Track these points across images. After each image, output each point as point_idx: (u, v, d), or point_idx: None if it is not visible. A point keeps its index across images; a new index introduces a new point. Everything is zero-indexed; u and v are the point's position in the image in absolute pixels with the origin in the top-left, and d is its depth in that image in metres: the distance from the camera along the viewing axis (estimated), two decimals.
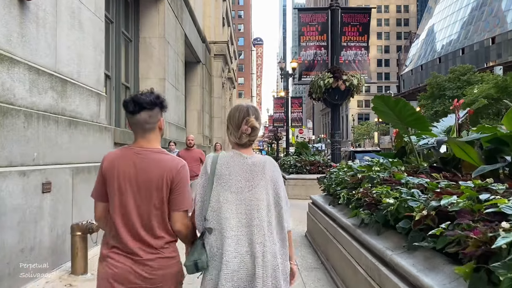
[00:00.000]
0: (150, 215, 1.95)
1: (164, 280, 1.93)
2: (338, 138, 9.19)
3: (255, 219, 1.91)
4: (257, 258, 1.84)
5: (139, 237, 1.93)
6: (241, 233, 1.89)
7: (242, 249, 1.87)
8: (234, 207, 1.93)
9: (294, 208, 10.26)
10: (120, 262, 1.92)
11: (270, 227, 1.95)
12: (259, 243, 1.87)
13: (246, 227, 1.90)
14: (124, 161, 1.99)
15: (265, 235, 1.90)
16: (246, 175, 1.97)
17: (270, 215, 1.97)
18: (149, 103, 1.96)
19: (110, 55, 9.12)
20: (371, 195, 3.38)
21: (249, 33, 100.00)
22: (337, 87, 8.45)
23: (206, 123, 19.90)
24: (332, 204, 4.94)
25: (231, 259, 1.85)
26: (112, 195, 1.97)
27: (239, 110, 2.06)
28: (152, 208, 1.95)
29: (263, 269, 1.84)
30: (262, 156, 2.10)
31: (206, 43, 19.96)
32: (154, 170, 1.96)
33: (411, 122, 4.03)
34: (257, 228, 1.90)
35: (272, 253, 1.89)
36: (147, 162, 1.97)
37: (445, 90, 36.31)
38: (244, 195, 1.94)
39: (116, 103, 9.22)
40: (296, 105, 29.26)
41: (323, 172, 11.98)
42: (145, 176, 1.95)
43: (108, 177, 1.98)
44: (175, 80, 12.39)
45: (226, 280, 1.82)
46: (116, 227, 1.94)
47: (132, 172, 1.96)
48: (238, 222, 1.90)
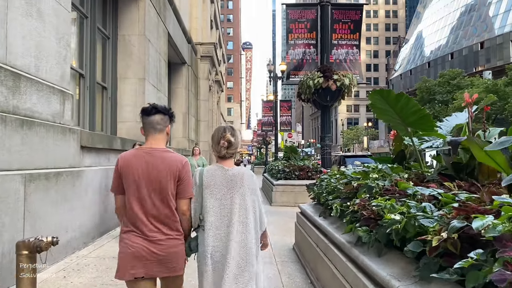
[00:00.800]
0: (160, 202, 2.39)
1: (173, 257, 2.38)
2: (328, 141, 8.64)
3: (234, 220, 2.43)
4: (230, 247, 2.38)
5: (150, 221, 2.36)
6: (222, 231, 2.43)
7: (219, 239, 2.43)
8: (218, 210, 2.47)
9: (281, 216, 9.65)
10: (136, 243, 2.33)
11: (247, 226, 2.46)
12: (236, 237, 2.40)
13: (227, 227, 2.43)
14: (137, 159, 2.40)
15: (242, 233, 2.43)
16: (228, 184, 2.48)
17: (247, 217, 2.47)
18: (163, 109, 2.48)
19: (85, 52, 8.47)
20: (370, 208, 2.80)
21: (238, 37, 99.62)
22: (327, 87, 7.91)
23: (192, 126, 19.23)
24: (323, 216, 4.34)
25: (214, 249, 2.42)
26: (128, 186, 2.39)
27: (218, 130, 2.59)
28: (162, 197, 2.39)
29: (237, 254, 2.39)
30: (240, 168, 2.58)
31: (192, 44, 19.34)
32: (161, 166, 2.38)
33: (415, 122, 3.46)
34: (234, 227, 2.42)
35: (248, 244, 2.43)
36: (156, 159, 2.40)
37: (435, 94, 36.16)
38: (226, 201, 2.46)
39: (90, 103, 8.55)
40: (285, 109, 28.71)
41: (312, 178, 11.42)
42: (155, 170, 2.38)
43: (124, 172, 2.39)
44: (157, 80, 11.74)
45: (208, 254, 2.42)
46: (134, 212, 2.37)
47: (144, 168, 2.38)
48: (221, 223, 2.44)
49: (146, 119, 2.46)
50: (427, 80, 38.16)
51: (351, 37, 8.68)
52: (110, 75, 10.00)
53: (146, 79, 10.48)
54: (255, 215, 2.55)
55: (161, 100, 12.30)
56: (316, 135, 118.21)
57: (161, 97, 12.34)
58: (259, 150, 49.37)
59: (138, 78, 10.33)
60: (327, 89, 7.94)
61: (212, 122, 26.28)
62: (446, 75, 36.70)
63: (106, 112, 9.83)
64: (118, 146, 8.03)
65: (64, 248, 5.39)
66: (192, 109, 19.29)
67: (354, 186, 3.49)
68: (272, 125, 27.57)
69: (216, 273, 2.41)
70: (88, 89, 8.54)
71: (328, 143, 8.61)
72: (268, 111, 29.58)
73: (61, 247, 5.04)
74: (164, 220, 2.39)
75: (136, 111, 10.26)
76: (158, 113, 2.46)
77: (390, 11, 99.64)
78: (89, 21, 8.56)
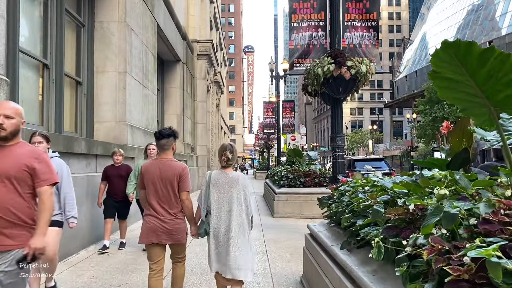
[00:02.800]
0: (168, 195, 3.58)
1: (177, 231, 3.58)
2: (340, 142, 7.21)
3: (233, 207, 3.50)
4: (231, 227, 3.44)
5: (163, 207, 3.56)
6: (224, 214, 3.50)
7: (222, 223, 3.48)
8: (221, 201, 3.53)
9: (285, 232, 8.13)
10: (153, 221, 3.54)
11: (241, 212, 3.54)
12: (235, 220, 3.47)
13: (228, 212, 3.50)
14: (153, 166, 3.64)
15: (238, 216, 3.50)
16: (228, 183, 3.56)
17: (240, 205, 3.54)
18: (167, 135, 3.67)
19: (49, 38, 7.10)
20: (461, 260, 1.38)
21: (240, 40, 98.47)
22: (340, 76, 6.49)
23: (188, 129, 17.83)
24: (347, 248, 2.91)
25: (216, 228, 3.48)
26: (147, 184, 3.61)
27: (221, 148, 3.67)
28: (169, 191, 3.58)
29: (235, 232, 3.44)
30: (237, 172, 3.68)
31: (187, 41, 17.99)
32: (169, 170, 3.60)
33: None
34: (234, 212, 3.49)
35: (241, 224, 3.49)
36: (165, 166, 3.62)
37: None
38: (227, 194, 3.54)
39: (57, 99, 7.17)
40: (287, 110, 27.19)
41: (320, 184, 9.99)
42: (164, 173, 3.59)
43: (145, 175, 3.62)
44: (143, 75, 10.36)
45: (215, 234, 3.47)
46: (151, 202, 3.58)
47: (157, 172, 3.60)
48: (223, 209, 3.52)
49: (157, 142, 3.73)
50: None
51: (367, 18, 7.26)
52: (86, 68, 8.63)
53: (128, 72, 9.09)
54: (247, 204, 3.59)
55: (148, 99, 10.91)
56: (320, 139, 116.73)
57: (149, 95, 10.94)
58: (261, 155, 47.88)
59: (118, 71, 8.95)
60: (339, 78, 6.52)
61: (211, 125, 24.87)
62: None
63: (81, 111, 8.45)
64: (82, 149, 6.62)
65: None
66: (188, 111, 17.90)
67: (410, 209, 2.06)
68: (274, 127, 26.08)
69: (217, 243, 3.48)
70: (54, 82, 7.16)
71: (340, 144, 7.18)
72: (270, 113, 27.96)
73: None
74: (171, 206, 3.59)
75: (116, 109, 8.87)
76: (163, 138, 3.66)
77: (393, 12, 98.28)
78: (54, 4, 7.20)
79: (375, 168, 12.99)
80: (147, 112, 10.72)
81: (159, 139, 3.66)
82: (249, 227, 3.61)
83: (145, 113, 10.54)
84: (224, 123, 50.80)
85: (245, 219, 3.54)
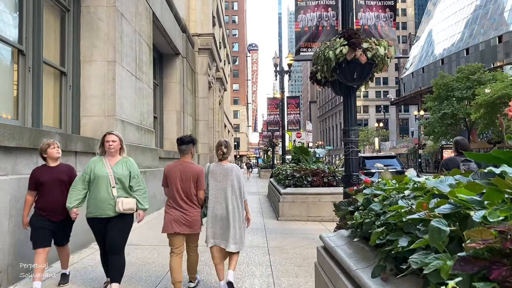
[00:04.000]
0: (187, 191, 4.20)
1: (195, 222, 4.20)
2: (354, 136, 6.36)
3: (228, 193, 4.17)
4: (228, 210, 4.11)
5: (183, 201, 4.18)
6: (221, 200, 4.18)
7: (219, 206, 4.17)
8: (219, 188, 4.21)
9: (292, 238, 6.97)
10: (175, 213, 4.17)
11: (235, 197, 4.20)
12: (230, 204, 4.15)
13: (224, 198, 4.17)
14: (175, 167, 4.27)
15: (233, 200, 4.17)
16: (223, 173, 4.22)
17: (234, 192, 4.20)
18: (187, 141, 4.30)
19: (26, 23, 6.31)
20: None
21: (244, 38, 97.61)
22: (354, 60, 5.64)
23: (189, 126, 17.03)
24: (382, 277, 2.07)
25: (213, 210, 4.18)
26: (170, 182, 4.24)
27: (218, 143, 4.37)
28: (188, 188, 4.20)
29: (232, 213, 4.13)
30: (231, 164, 4.33)
31: (187, 34, 17.18)
32: (188, 171, 4.21)
33: None
34: (229, 198, 4.15)
35: (237, 208, 4.18)
36: (185, 168, 4.25)
37: (453, 90, 33.55)
38: (222, 183, 4.20)
39: (34, 89, 6.37)
40: (292, 106, 26.24)
41: (329, 184, 9.14)
42: (184, 174, 4.21)
43: (168, 174, 4.25)
44: (136, 66, 9.55)
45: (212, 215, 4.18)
46: (174, 196, 4.20)
47: (178, 172, 4.22)
48: (220, 195, 4.19)
49: (178, 147, 4.37)
50: (444, 75, 35.50)
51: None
52: (71, 57, 7.84)
53: (118, 62, 8.29)
54: (240, 190, 4.28)
55: (143, 92, 10.11)
56: (325, 137, 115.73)
57: (143, 88, 10.13)
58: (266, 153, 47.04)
59: (106, 60, 8.14)
60: (353, 63, 5.67)
61: (213, 123, 24.04)
62: (464, 70, 34.08)
63: (66, 104, 7.66)
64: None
65: None
66: (188, 107, 17.09)
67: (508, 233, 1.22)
68: (278, 124, 25.15)
69: (214, 223, 4.20)
70: (31, 70, 6.36)
71: (354, 139, 6.32)
72: (274, 109, 26.96)
73: None
74: (190, 200, 4.22)
75: (104, 103, 8.07)
76: (184, 144, 4.32)
77: (399, 9, 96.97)
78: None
79: (387, 166, 12.11)
80: (141, 107, 9.91)
81: (181, 145, 4.32)
82: (243, 209, 4.29)
83: (139, 107, 9.73)
84: (228, 122, 49.99)
85: (240, 203, 4.24)
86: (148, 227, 8.06)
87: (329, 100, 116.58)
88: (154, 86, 14.56)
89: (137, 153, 8.99)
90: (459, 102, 33.95)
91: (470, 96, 32.60)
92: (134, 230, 4.98)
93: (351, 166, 6.31)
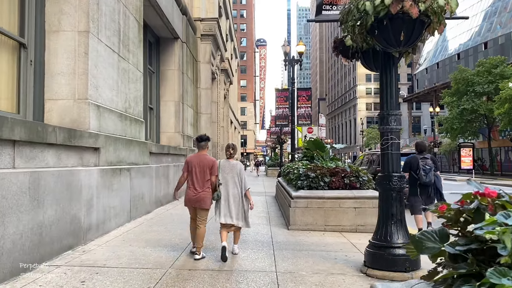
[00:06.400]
0: (203, 177, 5.34)
1: (206, 199, 5.31)
2: (395, 124, 4.71)
3: (232, 182, 5.43)
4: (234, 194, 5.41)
5: (199, 184, 5.32)
6: (228, 187, 5.41)
7: (227, 191, 5.41)
8: (227, 179, 5.46)
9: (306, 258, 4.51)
10: (192, 192, 5.33)
11: (238, 186, 5.43)
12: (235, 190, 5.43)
13: (232, 186, 5.41)
14: (195, 158, 5.46)
15: (236, 187, 5.44)
16: (230, 168, 5.49)
17: (238, 182, 5.44)
18: (205, 139, 5.58)
19: None
20: None
21: (252, 33, 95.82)
22: (400, 15, 4.00)
23: (189, 119, 15.43)
24: None
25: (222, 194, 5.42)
26: (190, 170, 5.40)
27: (226, 146, 5.73)
28: (204, 174, 5.35)
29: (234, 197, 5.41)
30: (236, 161, 5.62)
31: (188, 18, 15.56)
32: (205, 162, 5.38)
33: None
34: (233, 186, 5.42)
35: (238, 193, 5.43)
36: (202, 159, 5.41)
37: (473, 85, 31.54)
38: (229, 174, 5.45)
39: None
40: (303, 99, 24.43)
41: (352, 186, 7.51)
42: (202, 163, 5.38)
43: (189, 164, 5.43)
44: (120, 43, 7.96)
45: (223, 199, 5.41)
46: (192, 180, 5.36)
47: (197, 162, 5.38)
48: (227, 184, 5.41)
49: (198, 143, 5.59)
50: (464, 69, 33.48)
51: None
52: (33, 25, 6.27)
53: (93, 33, 6.70)
54: (241, 181, 5.48)
55: (129, 74, 8.52)
56: (334, 135, 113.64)
57: (129, 70, 8.53)
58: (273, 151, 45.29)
59: (77, 30, 6.57)
60: (398, 19, 4.03)
61: (217, 117, 22.44)
62: (486, 63, 32.06)
63: (26, 84, 6.09)
64: None
65: None
66: (189, 98, 15.49)
67: None
68: (288, 119, 23.39)
69: (225, 204, 5.39)
70: None
71: (395, 127, 4.67)
72: (283, 102, 24.91)
73: None
74: (204, 184, 5.35)
75: (74, 83, 6.50)
76: (203, 141, 5.57)
77: None
78: None
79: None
80: (126, 92, 8.32)
81: (200, 142, 5.59)
82: (244, 195, 5.50)
83: (123, 92, 8.14)
84: (235, 118, 48.33)
85: (241, 191, 5.49)
86: (129, 238, 6.48)
87: (338, 97, 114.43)
88: (150, 74, 12.99)
89: (117, 146, 7.41)
90: (479, 98, 31.96)
91: (491, 91, 30.60)
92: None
93: (391, 164, 4.66)
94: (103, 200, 6.68)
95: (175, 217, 8.79)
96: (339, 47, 5.20)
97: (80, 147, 5.96)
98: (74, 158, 5.84)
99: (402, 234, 4.60)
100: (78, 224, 5.75)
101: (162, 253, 5.48)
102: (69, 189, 5.46)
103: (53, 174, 5.06)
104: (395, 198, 4.65)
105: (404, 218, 4.70)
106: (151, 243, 6.09)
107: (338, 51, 5.27)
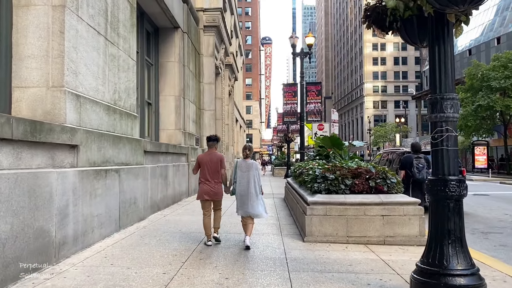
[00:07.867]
0: (214, 171, 6.20)
1: (219, 192, 6.24)
2: (451, 111, 3.58)
3: (250, 182, 6.02)
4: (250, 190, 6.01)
5: (211, 178, 6.19)
6: (244, 184, 6.04)
7: (242, 188, 6.05)
8: (243, 176, 6.08)
9: (329, 283, 3.54)
10: (205, 186, 6.17)
11: (254, 183, 6.04)
12: (251, 188, 6.01)
13: (246, 183, 6.02)
14: (206, 156, 6.35)
15: (253, 187, 6.02)
16: (247, 167, 6.11)
17: (255, 181, 6.06)
18: (215, 140, 6.46)
19: None
20: None
21: (257, 31, 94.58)
22: None
23: (190, 115, 14.31)
24: None
25: (239, 191, 6.09)
26: (202, 166, 6.27)
27: (244, 147, 6.37)
28: (215, 168, 6.22)
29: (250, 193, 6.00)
30: (252, 160, 6.25)
31: (190, 6, 14.45)
32: (215, 158, 6.27)
33: None
34: (251, 185, 6.01)
35: (254, 189, 6.02)
36: (213, 156, 6.29)
37: (489, 80, 30.17)
38: (246, 173, 6.06)
39: None
40: (313, 94, 23.18)
41: (378, 190, 6.38)
42: (212, 160, 6.25)
43: (200, 161, 6.31)
44: (107, 25, 6.87)
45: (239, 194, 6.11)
46: (205, 175, 6.20)
47: (208, 159, 6.26)
48: (244, 181, 6.05)
49: (208, 143, 6.45)
50: (479, 64, 32.12)
51: None
52: None
53: (70, 8, 5.61)
54: (257, 179, 6.08)
55: (119, 61, 7.43)
56: (342, 134, 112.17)
57: (120, 57, 7.44)
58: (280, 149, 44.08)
59: (51, 4, 5.48)
60: None
61: (222, 114, 21.32)
62: (502, 57, 30.70)
63: None
64: None
65: None
66: (190, 93, 14.38)
67: None
68: (296, 115, 22.19)
69: (241, 200, 6.03)
70: None
71: (451, 116, 3.55)
72: (291, 97, 23.62)
73: None
74: (215, 177, 6.16)
75: (48, 67, 5.41)
76: (211, 141, 6.39)
77: None
78: None
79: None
80: (116, 81, 7.23)
81: (209, 141, 6.42)
82: (260, 191, 6.12)
83: (112, 82, 7.05)
84: (240, 116, 47.18)
85: (257, 187, 6.04)
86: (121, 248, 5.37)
87: (345, 96, 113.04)
88: (148, 66, 11.90)
89: (103, 143, 6.32)
90: (494, 93, 30.60)
91: (508, 86, 29.24)
92: None
93: (447, 164, 3.52)
94: (82, 207, 5.59)
95: (172, 225, 7.70)
96: (372, 15, 4.07)
97: (50, 143, 4.86)
98: (42, 158, 4.74)
99: (463, 257, 3.46)
100: (46, 238, 4.66)
101: (150, 275, 4.38)
102: (33, 196, 4.37)
103: (8, 178, 3.96)
104: (452, 209, 3.50)
105: (464, 235, 3.55)
106: (138, 261, 4.98)
107: (371, 20, 4.14)
